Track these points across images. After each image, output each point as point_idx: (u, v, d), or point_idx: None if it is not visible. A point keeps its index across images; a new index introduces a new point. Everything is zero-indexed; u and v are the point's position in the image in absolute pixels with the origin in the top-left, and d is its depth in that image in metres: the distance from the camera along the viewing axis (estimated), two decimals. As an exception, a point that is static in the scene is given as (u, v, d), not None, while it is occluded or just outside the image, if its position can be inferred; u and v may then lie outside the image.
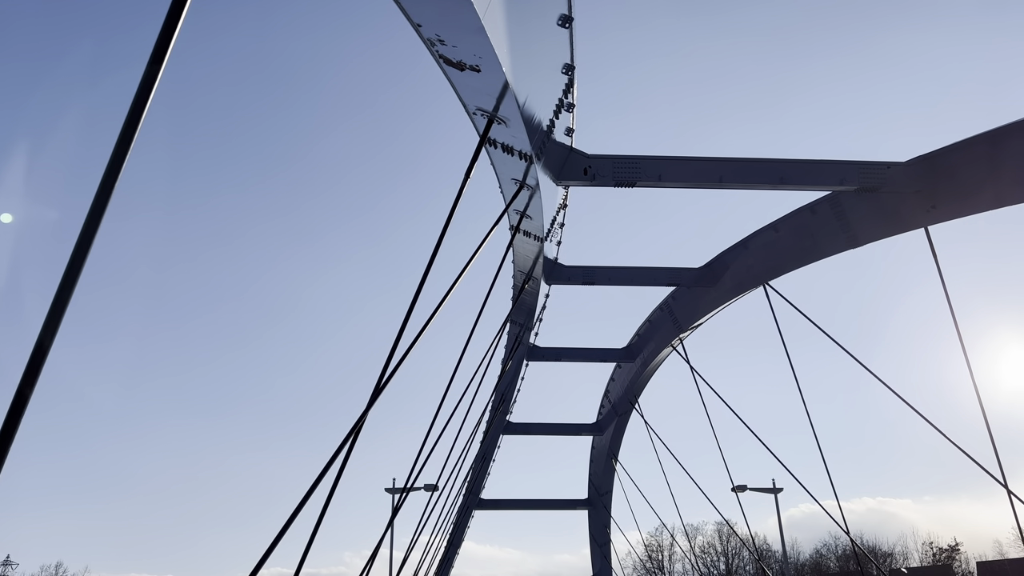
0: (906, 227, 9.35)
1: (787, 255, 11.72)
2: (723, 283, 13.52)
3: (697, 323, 15.41)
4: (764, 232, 12.06)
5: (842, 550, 69.21)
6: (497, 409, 20.17)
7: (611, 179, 8.44)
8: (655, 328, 16.89)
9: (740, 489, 26.94)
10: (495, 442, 23.15)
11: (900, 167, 8.77)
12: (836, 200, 10.21)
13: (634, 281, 13.79)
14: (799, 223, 11.20)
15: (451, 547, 25.65)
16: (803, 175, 8.67)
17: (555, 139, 7.67)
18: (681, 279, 13.84)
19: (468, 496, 24.14)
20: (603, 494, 25.98)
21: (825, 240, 10.74)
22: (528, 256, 11.44)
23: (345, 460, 5.36)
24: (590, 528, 28.23)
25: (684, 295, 15.24)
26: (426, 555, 16.24)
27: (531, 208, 8.67)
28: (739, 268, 12.97)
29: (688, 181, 8.52)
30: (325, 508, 5.54)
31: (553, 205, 9.49)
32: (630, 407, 20.77)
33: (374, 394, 5.36)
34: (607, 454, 23.74)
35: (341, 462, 5.45)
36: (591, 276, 13.72)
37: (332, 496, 5.58)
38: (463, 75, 4.46)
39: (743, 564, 71.67)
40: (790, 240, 11.52)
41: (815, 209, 10.76)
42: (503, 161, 6.80)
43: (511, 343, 16.95)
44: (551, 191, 8.62)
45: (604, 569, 28.58)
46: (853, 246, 10.33)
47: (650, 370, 18.59)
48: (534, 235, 9.99)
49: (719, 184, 8.57)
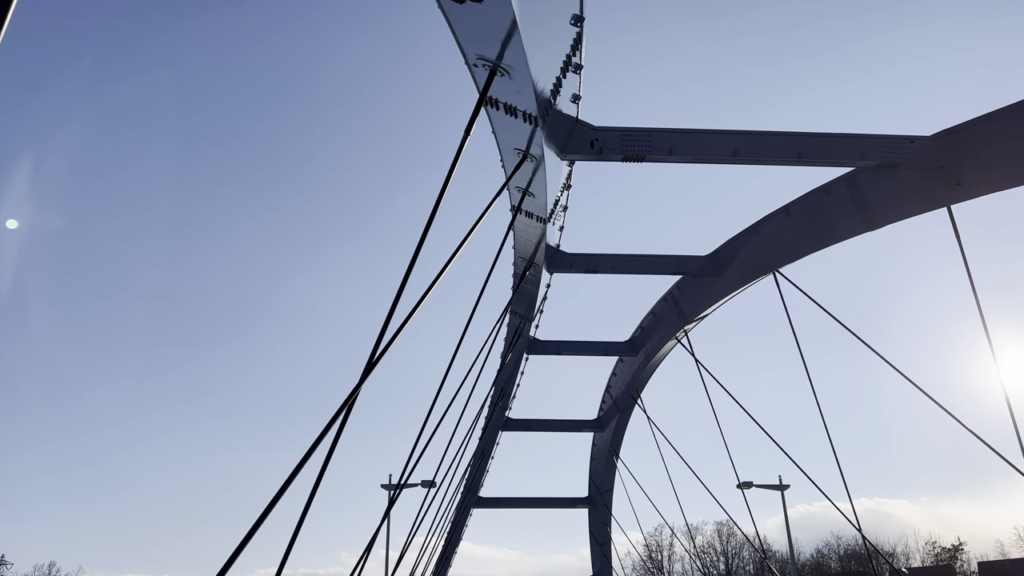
0: (928, 206, 8.89)
1: (800, 240, 11.25)
2: (731, 271, 13.06)
3: (703, 314, 14.95)
4: (775, 216, 11.60)
5: (844, 549, 68.84)
6: (496, 404, 19.69)
7: (619, 153, 7.97)
8: (659, 320, 16.42)
9: (746, 486, 26.43)
10: (494, 438, 22.68)
11: (925, 141, 8.31)
12: (853, 180, 9.76)
13: (639, 269, 13.32)
14: (813, 206, 10.74)
15: (449, 546, 25.17)
16: (822, 149, 8.21)
17: (559, 109, 7.20)
18: (687, 267, 13.37)
19: (466, 494, 23.66)
20: (604, 492, 25.50)
21: (840, 223, 10.28)
22: (530, 240, 10.97)
23: (331, 449, 4.92)
24: (590, 527, 27.75)
25: (690, 285, 14.78)
26: (423, 554, 15.78)
27: (534, 184, 8.19)
28: (748, 255, 12.51)
29: (701, 155, 8.05)
30: (309, 502, 5.07)
31: (557, 183, 9.01)
32: (632, 402, 20.31)
33: (358, 383, 4.88)
34: (608, 451, 23.27)
35: (328, 449, 4.99)
36: (594, 264, 13.24)
37: (317, 489, 5.09)
38: (463, 9, 3.99)
39: (743, 564, 71.21)
40: (803, 224, 11.06)
41: (830, 190, 10.30)
42: (505, 126, 6.33)
43: (511, 335, 16.47)
44: (555, 166, 8.14)
45: (604, 569, 28.10)
46: (870, 228, 9.87)
47: (653, 364, 18.12)
48: (537, 216, 9.51)
49: (733, 159, 8.10)
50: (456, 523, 24.44)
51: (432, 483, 12.63)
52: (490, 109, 6.02)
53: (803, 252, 11.38)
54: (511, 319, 15.85)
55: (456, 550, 26.70)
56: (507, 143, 6.80)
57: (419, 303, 5.47)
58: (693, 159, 8.14)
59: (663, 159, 8.04)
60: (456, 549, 26.76)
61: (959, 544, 67.77)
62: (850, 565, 67.22)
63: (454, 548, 26.21)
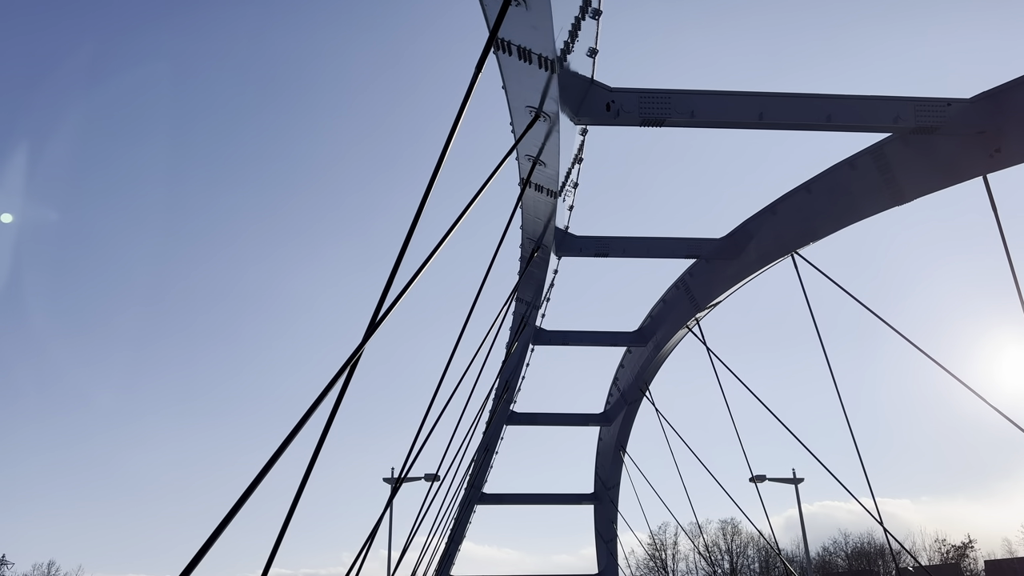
0: (963, 176, 8.38)
1: (821, 218, 10.74)
2: (747, 254, 12.55)
3: (716, 301, 14.43)
4: (795, 194, 11.08)
5: (852, 547, 68.32)
6: (501, 397, 19.18)
7: (637, 116, 7.46)
8: (670, 308, 15.91)
9: (759, 479, 25.86)
10: (498, 433, 22.15)
11: (963, 104, 7.79)
12: (880, 151, 9.25)
13: (651, 253, 12.81)
14: (835, 181, 10.23)
15: (452, 543, 24.66)
16: (853, 112, 7.69)
17: (573, 70, 6.69)
18: (701, 250, 12.86)
19: (470, 490, 23.15)
20: (610, 488, 25.00)
21: (866, 198, 9.77)
22: (539, 218, 10.46)
23: (323, 436, 4.50)
24: (596, 524, 27.22)
25: (702, 270, 14.26)
26: (426, 551, 15.27)
27: (547, 150, 7.67)
28: (766, 236, 11.99)
29: (724, 118, 7.54)
30: (298, 496, 4.60)
31: (570, 152, 8.49)
32: (640, 395, 19.79)
33: (343, 371, 4.37)
34: (615, 445, 22.75)
35: (319, 437, 4.54)
36: (604, 247, 12.73)
37: (306, 482, 4.63)
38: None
39: (748, 562, 70.66)
40: (825, 201, 10.54)
41: (855, 163, 9.79)
42: (518, 75, 5.82)
43: (516, 324, 15.96)
44: (569, 132, 7.63)
45: (610, 567, 27.58)
46: (898, 202, 9.36)
47: (663, 354, 17.61)
48: (547, 190, 9.00)
49: (759, 123, 7.59)
50: (459, 520, 23.92)
51: (435, 476, 12.15)
52: (501, 55, 5.51)
53: (824, 231, 10.87)
54: (516, 307, 15.34)
55: (459, 548, 26.19)
56: (519, 98, 6.30)
57: (420, 270, 4.96)
58: (716, 123, 7.63)
59: (684, 123, 7.53)
60: (459, 547, 26.25)
61: (969, 542, 67.24)
62: (859, 563, 66.62)
63: (457, 545, 25.70)
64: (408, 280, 4.81)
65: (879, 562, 67.87)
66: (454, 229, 5.18)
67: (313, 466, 4.75)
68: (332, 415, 4.26)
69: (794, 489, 34.01)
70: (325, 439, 4.60)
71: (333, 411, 4.24)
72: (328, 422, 4.66)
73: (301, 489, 4.72)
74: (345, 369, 3.83)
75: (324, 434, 4.68)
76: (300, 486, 4.72)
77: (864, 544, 68.30)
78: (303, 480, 4.70)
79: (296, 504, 4.70)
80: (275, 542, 4.65)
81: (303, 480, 4.70)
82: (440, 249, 5.04)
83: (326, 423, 4.68)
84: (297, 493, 4.72)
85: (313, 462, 4.75)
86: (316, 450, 4.68)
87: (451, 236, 5.12)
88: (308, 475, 4.73)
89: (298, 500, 4.69)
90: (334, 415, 4.22)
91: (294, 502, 4.69)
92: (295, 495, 4.69)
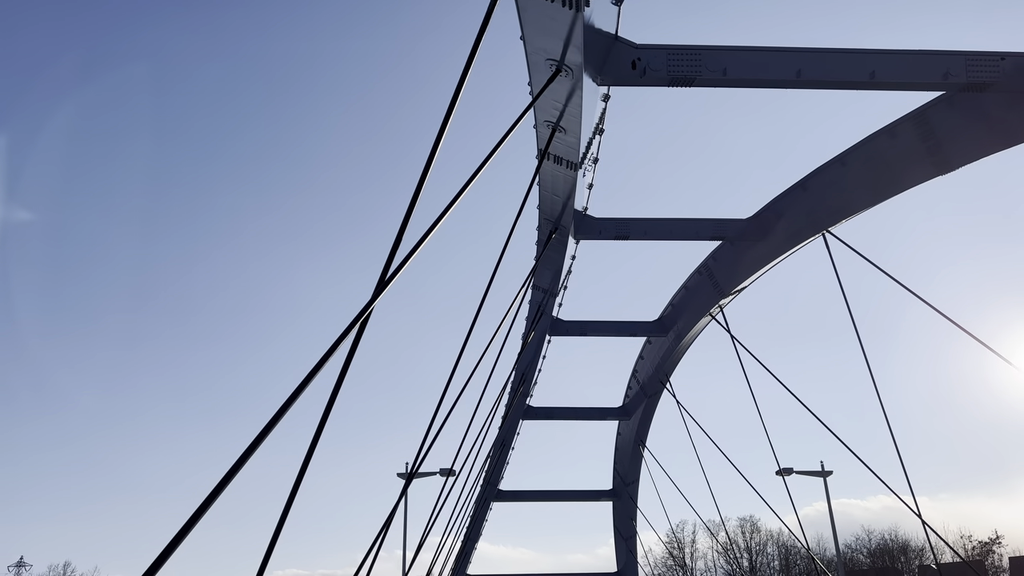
0: (1016, 138, 7.77)
1: (856, 193, 10.14)
2: (775, 234, 11.96)
3: (741, 286, 13.85)
4: (828, 168, 10.48)
5: (875, 544, 67.31)
6: (517, 390, 18.65)
7: (665, 75, 6.91)
8: (692, 295, 15.33)
9: (786, 472, 25.19)
10: (514, 427, 21.61)
11: (1018, 59, 7.20)
12: (922, 116, 8.65)
13: (674, 235, 12.25)
14: (873, 152, 9.63)
15: (468, 541, 24.15)
16: (898, 68, 7.10)
17: (594, 23, 6.15)
18: (727, 231, 12.28)
19: (486, 487, 22.62)
20: (629, 484, 24.40)
21: (906, 168, 9.16)
22: (557, 196, 9.91)
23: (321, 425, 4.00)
24: (614, 521, 26.64)
25: (726, 254, 13.68)
26: (441, 548, 14.76)
27: (567, 114, 7.13)
28: (795, 214, 11.40)
29: (759, 76, 6.98)
30: (294, 492, 4.13)
31: (592, 117, 7.95)
32: (660, 387, 19.19)
33: (351, 327, 3.86)
34: (634, 440, 22.17)
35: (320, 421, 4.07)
36: (625, 229, 12.18)
37: (303, 475, 4.18)
38: None
39: (768, 560, 69.83)
40: (861, 174, 9.94)
41: (895, 131, 9.19)
42: (537, 19, 5.27)
43: (532, 313, 15.43)
44: (591, 94, 7.07)
45: (630, 565, 26.98)
46: (942, 171, 8.75)
47: (684, 344, 17.02)
48: (567, 161, 8.45)
49: (796, 81, 7.02)
50: (476, 517, 23.39)
51: (451, 471, 11.67)
52: (520, -6, 4.98)
53: (859, 207, 10.27)
54: (533, 295, 14.81)
55: (476, 546, 25.68)
56: (538, 49, 5.75)
57: (431, 231, 4.45)
58: (750, 82, 7.06)
59: (716, 82, 6.97)
60: (476, 545, 25.74)
61: (996, 537, 66.10)
62: (882, 560, 65.64)
63: (473, 544, 25.19)
64: (417, 241, 4.29)
65: (901, 559, 66.88)
66: (468, 186, 4.66)
67: (314, 449, 4.26)
68: (340, 379, 3.77)
69: (822, 483, 33.15)
70: (331, 410, 4.10)
71: (341, 375, 3.75)
72: (332, 396, 4.16)
73: (301, 475, 4.24)
74: (354, 326, 3.32)
75: (330, 403, 4.18)
76: (299, 473, 4.24)
77: (888, 541, 67.36)
78: (303, 466, 4.23)
79: (295, 492, 4.21)
80: (271, 537, 4.16)
81: (303, 466, 4.23)
82: (454, 207, 4.52)
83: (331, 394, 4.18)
84: (296, 480, 4.23)
85: (314, 445, 4.26)
86: (319, 426, 4.18)
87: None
88: (309, 459, 4.24)
89: (298, 486, 4.21)
90: (342, 379, 3.72)
91: (293, 489, 4.21)
92: (294, 483, 4.21)
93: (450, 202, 4.44)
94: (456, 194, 4.52)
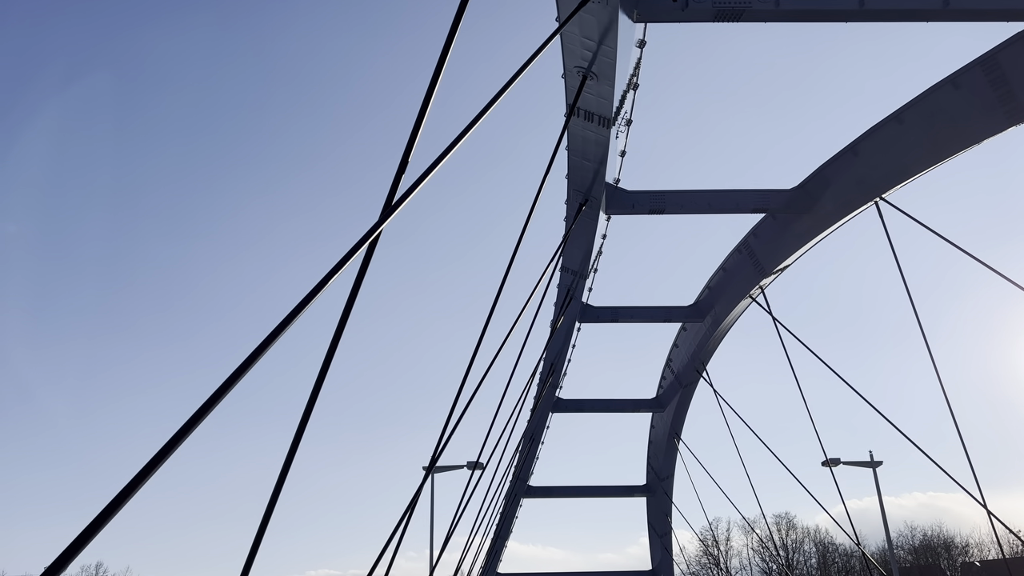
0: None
1: (914, 153, 9.29)
2: (822, 205, 11.12)
3: (784, 264, 13.02)
4: (882, 128, 9.64)
5: (919, 540, 65.58)
6: (546, 381, 17.93)
7: (710, 8, 6.17)
8: (731, 276, 14.51)
9: (833, 463, 24.20)
10: (544, 420, 20.89)
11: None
12: (992, 61, 7.81)
13: (713, 208, 11.45)
14: (934, 105, 8.78)
15: (498, 539, 23.48)
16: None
17: None
18: (770, 203, 11.47)
19: (515, 482, 21.93)
20: (664, 479, 23.59)
21: (974, 120, 8.31)
22: (588, 160, 9.17)
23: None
24: (648, 517, 25.84)
25: (768, 229, 12.86)
26: (469, 545, 14.10)
27: (600, 57, 6.40)
28: (845, 182, 10.56)
29: (816, 7, 6.21)
30: (279, 487, 3.53)
31: (627, 65, 7.20)
32: (696, 376, 18.38)
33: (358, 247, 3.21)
34: (669, 433, 21.34)
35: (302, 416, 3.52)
36: (660, 202, 11.41)
37: (289, 467, 3.53)
38: None
39: (805, 558, 68.33)
40: (920, 132, 9.09)
41: (958, 81, 8.34)
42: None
43: (561, 297, 14.71)
44: (627, 33, 6.33)
45: (665, 562, 26.15)
46: (1017, 121, 7.89)
47: (722, 330, 16.20)
48: (599, 117, 7.70)
49: (858, 12, 6.25)
50: (505, 514, 22.71)
51: (478, 463, 11.00)
52: None
53: (917, 168, 9.42)
54: (561, 277, 14.08)
55: (506, 543, 24.99)
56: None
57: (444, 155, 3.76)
58: (807, 15, 6.31)
59: (767, 15, 6.21)
60: (506, 543, 25.05)
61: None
62: (926, 558, 63.97)
63: (504, 541, 24.50)
64: (426, 168, 3.60)
65: (944, 555, 65.18)
66: (489, 109, 3.96)
67: (296, 449, 3.63)
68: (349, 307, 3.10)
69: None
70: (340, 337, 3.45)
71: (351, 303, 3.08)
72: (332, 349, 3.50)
73: (280, 483, 3.64)
74: (362, 245, 2.67)
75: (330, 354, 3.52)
76: (278, 482, 3.63)
77: (933, 537, 65.74)
78: (283, 470, 3.62)
79: (277, 495, 3.61)
80: (256, 533, 3.52)
81: (283, 470, 3.62)
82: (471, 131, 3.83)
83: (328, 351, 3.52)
84: (276, 488, 3.63)
85: (295, 445, 3.64)
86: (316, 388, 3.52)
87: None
88: (289, 462, 3.62)
89: (277, 496, 3.60)
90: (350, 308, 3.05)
91: (274, 495, 3.59)
92: (274, 488, 3.61)
93: (470, 123, 3.75)
94: (473, 119, 3.83)
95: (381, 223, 3.05)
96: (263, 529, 3.50)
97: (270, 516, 3.53)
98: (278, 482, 3.63)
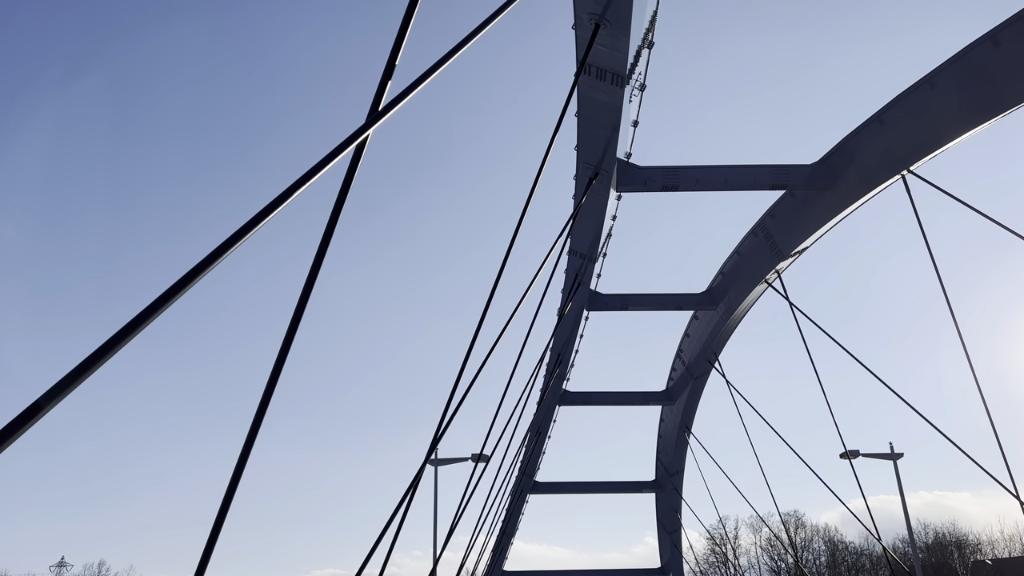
0: None
1: (947, 120, 8.69)
2: (845, 180, 10.53)
3: (802, 246, 12.43)
4: (912, 93, 9.05)
5: (932, 538, 64.80)
6: (553, 372, 17.36)
7: None
8: (745, 260, 13.92)
9: (852, 455, 23.55)
10: (551, 413, 20.31)
11: None
12: (1039, 14, 7.21)
13: (729, 184, 10.86)
14: (970, 67, 8.18)
15: (504, 536, 22.92)
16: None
17: None
18: (790, 178, 10.87)
19: (521, 477, 21.35)
20: (673, 474, 23.00)
21: (1015, 82, 7.71)
22: (599, 128, 8.58)
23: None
24: (657, 513, 25.26)
25: (786, 209, 12.27)
26: (474, 541, 13.53)
27: (615, 2, 5.83)
28: (871, 154, 9.97)
29: None
30: (237, 475, 2.99)
31: (643, 19, 6.62)
32: (708, 367, 17.80)
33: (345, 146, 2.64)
34: (679, 426, 20.76)
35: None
36: (674, 179, 10.83)
37: (247, 456, 3.39)
38: None
39: (814, 557, 67.59)
40: (954, 96, 8.49)
41: (998, 39, 7.75)
42: None
43: (569, 283, 14.12)
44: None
45: (674, 559, 25.57)
46: (1067, 79, 7.30)
47: (735, 318, 15.62)
48: (612, 75, 7.12)
49: None
50: (511, 510, 22.14)
51: (482, 455, 10.47)
52: None
53: (950, 137, 8.83)
54: (569, 261, 13.50)
55: (512, 541, 24.44)
56: None
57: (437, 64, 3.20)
58: None
59: None
60: (512, 540, 24.50)
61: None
62: (938, 556, 63.24)
63: (510, 538, 23.95)
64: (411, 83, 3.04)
65: (955, 554, 64.46)
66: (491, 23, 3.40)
67: (256, 433, 3.13)
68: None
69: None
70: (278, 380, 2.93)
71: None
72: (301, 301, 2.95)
73: (238, 472, 3.15)
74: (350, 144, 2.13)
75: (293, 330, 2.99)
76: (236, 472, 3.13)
77: (947, 535, 65.03)
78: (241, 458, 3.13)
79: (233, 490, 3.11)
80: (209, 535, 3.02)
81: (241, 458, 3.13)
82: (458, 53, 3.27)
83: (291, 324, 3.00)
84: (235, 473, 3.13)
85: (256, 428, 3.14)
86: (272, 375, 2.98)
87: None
88: (249, 447, 3.11)
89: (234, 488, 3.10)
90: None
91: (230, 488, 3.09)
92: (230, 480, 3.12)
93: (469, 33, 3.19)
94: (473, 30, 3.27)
95: (367, 128, 2.51)
96: (218, 527, 3.02)
97: (226, 513, 3.05)
98: (233, 476, 3.16)
